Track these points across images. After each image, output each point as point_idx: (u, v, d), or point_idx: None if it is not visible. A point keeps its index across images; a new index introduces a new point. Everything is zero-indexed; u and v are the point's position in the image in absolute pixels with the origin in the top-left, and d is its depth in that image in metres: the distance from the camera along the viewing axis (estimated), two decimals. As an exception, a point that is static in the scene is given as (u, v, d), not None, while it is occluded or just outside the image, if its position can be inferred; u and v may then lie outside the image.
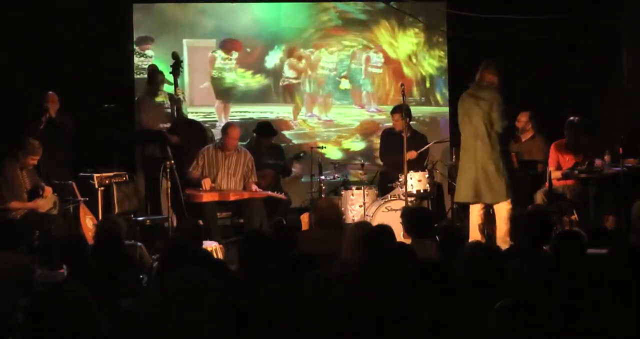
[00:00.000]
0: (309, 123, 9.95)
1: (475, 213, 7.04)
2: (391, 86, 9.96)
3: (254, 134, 9.06)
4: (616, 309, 3.53)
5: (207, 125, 9.30)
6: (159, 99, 8.81)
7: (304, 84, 9.96)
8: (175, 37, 9.67)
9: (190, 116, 9.05)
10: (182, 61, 8.75)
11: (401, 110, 8.29)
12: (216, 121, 9.71)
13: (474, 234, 7.00)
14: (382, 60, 10.00)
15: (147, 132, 8.71)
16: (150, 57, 9.54)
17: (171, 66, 8.66)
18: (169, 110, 8.69)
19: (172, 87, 8.60)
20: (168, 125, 8.63)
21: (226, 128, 8.28)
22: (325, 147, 9.16)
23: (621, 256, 4.04)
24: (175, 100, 8.61)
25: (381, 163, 9.05)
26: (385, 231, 4.92)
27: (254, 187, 8.14)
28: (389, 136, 8.84)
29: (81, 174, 8.12)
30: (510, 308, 3.07)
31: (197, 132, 8.69)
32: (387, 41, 9.98)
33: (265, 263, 4.49)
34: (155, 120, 8.73)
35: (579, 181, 8.10)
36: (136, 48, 9.54)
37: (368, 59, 10.00)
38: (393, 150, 8.44)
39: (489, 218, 7.42)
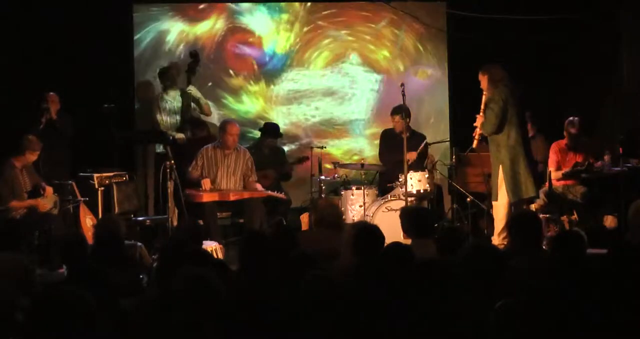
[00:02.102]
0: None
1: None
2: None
3: (259, 133, 9.07)
4: (616, 309, 3.53)
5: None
6: (170, 97, 8.81)
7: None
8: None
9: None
10: (199, 60, 8.75)
11: (401, 111, 8.29)
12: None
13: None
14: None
15: (147, 132, 8.71)
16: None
17: (188, 64, 8.66)
18: (180, 108, 8.71)
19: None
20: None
21: (224, 125, 8.22)
22: (325, 148, 9.15)
23: (621, 256, 4.05)
24: (185, 98, 8.63)
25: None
26: (373, 231, 4.88)
27: (257, 185, 8.15)
28: (388, 136, 8.84)
29: (81, 174, 8.13)
30: (510, 308, 3.07)
31: (203, 132, 8.69)
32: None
33: (265, 263, 4.49)
34: (168, 119, 8.74)
35: (579, 181, 8.10)
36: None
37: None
38: (392, 150, 8.45)
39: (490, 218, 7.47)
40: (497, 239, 7.03)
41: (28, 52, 8.95)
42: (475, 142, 7.39)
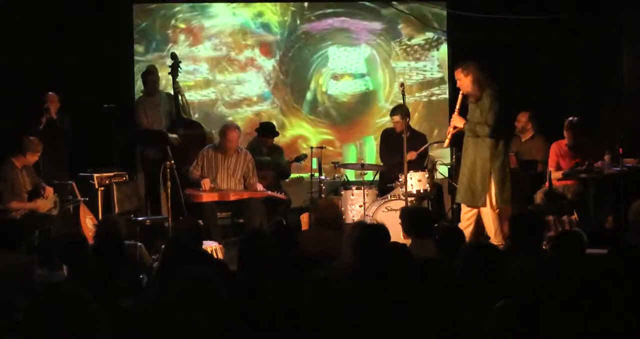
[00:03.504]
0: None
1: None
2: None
3: (256, 134, 9.07)
4: (616, 309, 3.53)
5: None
6: (155, 99, 8.80)
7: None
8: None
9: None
10: (180, 62, 8.75)
11: (401, 111, 8.29)
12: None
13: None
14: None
15: (147, 132, 8.71)
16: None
17: (169, 66, 8.66)
18: (168, 110, 8.71)
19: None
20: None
21: (224, 130, 8.19)
22: (325, 147, 9.15)
23: (621, 256, 4.05)
24: (172, 100, 8.64)
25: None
26: (380, 231, 4.88)
27: (259, 186, 8.15)
28: (388, 135, 8.84)
29: (81, 174, 8.13)
30: (510, 308, 3.07)
31: (196, 133, 8.70)
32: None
33: (265, 263, 4.49)
34: (154, 120, 8.73)
35: (579, 181, 8.09)
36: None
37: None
38: (392, 150, 8.45)
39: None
40: (494, 240, 7.01)
41: (28, 52, 8.94)
42: (447, 142, 7.26)
